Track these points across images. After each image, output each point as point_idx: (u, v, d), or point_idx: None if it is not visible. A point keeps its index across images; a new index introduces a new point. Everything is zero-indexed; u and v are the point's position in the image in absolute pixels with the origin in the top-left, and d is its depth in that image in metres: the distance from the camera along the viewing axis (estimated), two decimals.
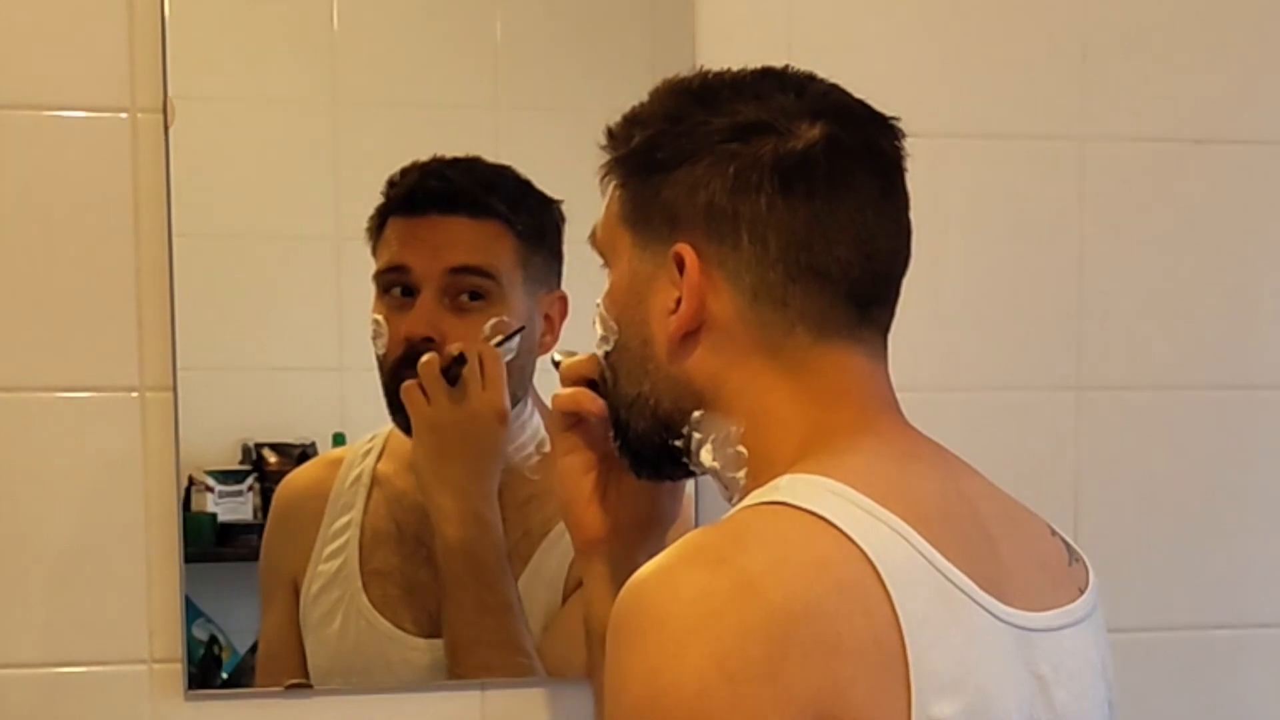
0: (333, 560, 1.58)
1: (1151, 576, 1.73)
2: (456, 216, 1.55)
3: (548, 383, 1.59)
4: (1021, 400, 1.70)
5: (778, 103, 1.01)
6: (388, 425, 1.57)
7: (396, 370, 1.53)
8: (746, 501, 0.94)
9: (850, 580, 0.86)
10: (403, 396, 1.52)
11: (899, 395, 1.06)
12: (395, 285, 1.54)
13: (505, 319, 1.53)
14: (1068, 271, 1.70)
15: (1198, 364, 1.74)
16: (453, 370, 1.51)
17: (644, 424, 1.09)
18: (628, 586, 0.88)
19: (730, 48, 1.02)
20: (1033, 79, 1.68)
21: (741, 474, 1.03)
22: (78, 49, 1.49)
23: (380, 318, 1.54)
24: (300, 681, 1.56)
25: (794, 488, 0.91)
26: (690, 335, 1.02)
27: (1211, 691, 1.76)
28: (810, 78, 1.06)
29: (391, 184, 1.55)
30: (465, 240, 1.55)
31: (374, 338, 1.54)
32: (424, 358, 1.51)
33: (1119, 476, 1.72)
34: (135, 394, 1.52)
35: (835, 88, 1.06)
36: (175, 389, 1.51)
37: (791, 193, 1.00)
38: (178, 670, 1.53)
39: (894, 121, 1.08)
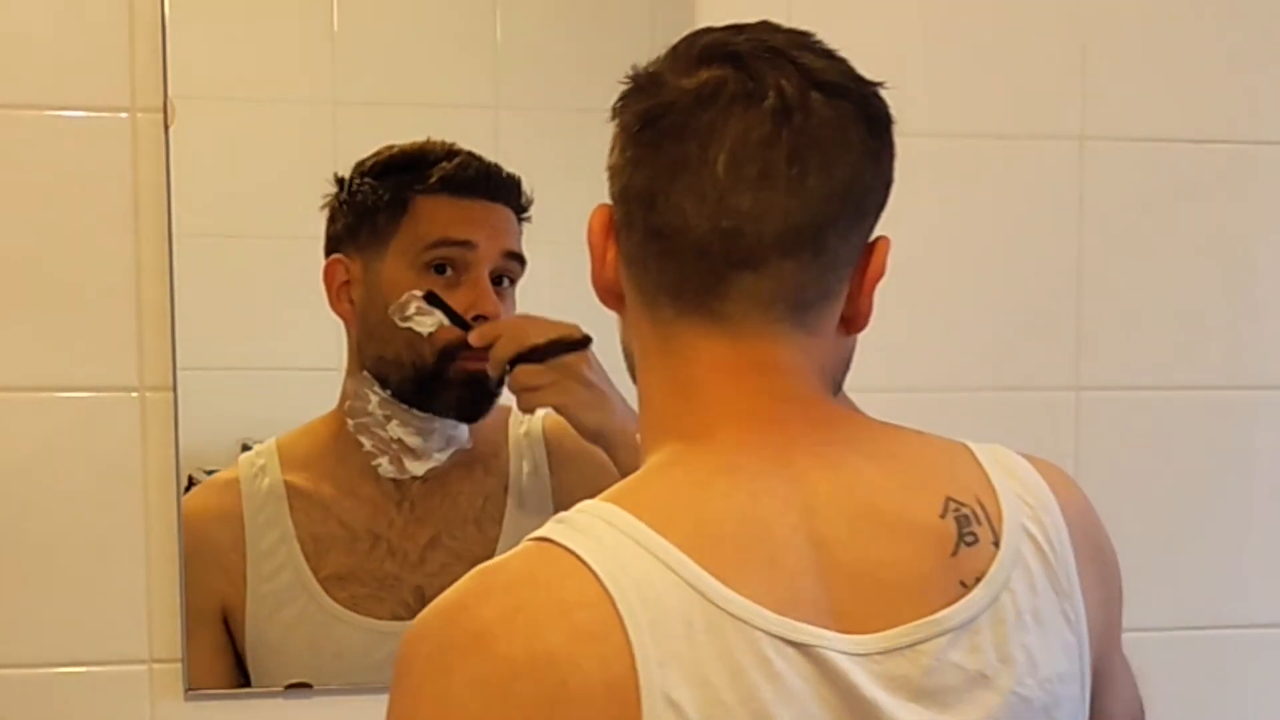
0: (276, 578, 1.56)
1: (1152, 576, 1.73)
2: (500, 204, 1.58)
3: None
4: (1021, 400, 1.70)
5: (674, 58, 0.95)
6: (272, 437, 1.58)
7: (452, 351, 1.54)
8: (536, 531, 0.91)
9: (589, 624, 0.83)
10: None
11: (900, 396, 1.04)
12: (441, 261, 1.55)
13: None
14: (1068, 271, 1.70)
15: (1198, 364, 1.74)
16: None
17: None
18: (413, 622, 0.90)
19: None
20: (1033, 79, 1.68)
21: None
22: (78, 49, 1.49)
23: (424, 296, 1.54)
24: (300, 681, 1.56)
25: (572, 519, 0.89)
26: (618, 299, 0.99)
27: (1211, 691, 1.76)
28: (736, 29, 0.96)
29: (429, 161, 1.55)
30: (511, 227, 1.58)
31: (415, 314, 1.54)
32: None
33: (1119, 476, 1.72)
34: (135, 394, 1.52)
35: (762, 33, 0.95)
36: (175, 389, 1.51)
37: (639, 145, 0.93)
38: (178, 670, 1.53)
39: (822, 68, 0.94)
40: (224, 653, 1.55)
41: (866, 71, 0.98)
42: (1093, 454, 1.71)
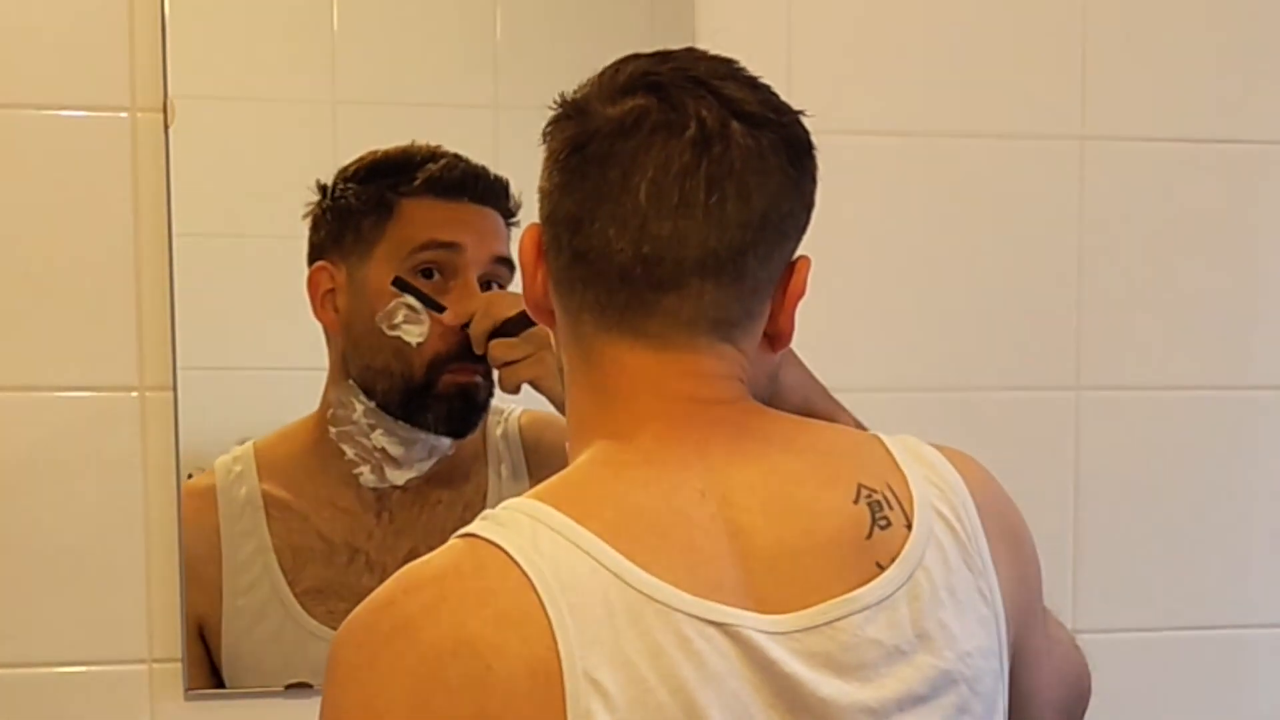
0: (252, 592, 1.54)
1: (1151, 576, 1.73)
2: (487, 207, 1.56)
3: None
4: (1021, 400, 1.70)
5: (600, 85, 0.98)
6: (249, 440, 1.56)
7: (440, 362, 1.53)
8: (462, 529, 0.94)
9: (511, 609, 0.86)
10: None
11: (901, 396, 1.04)
12: (428, 265, 1.53)
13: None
14: (1068, 271, 1.70)
15: (1198, 364, 1.74)
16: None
17: None
18: (344, 622, 0.92)
19: (729, 47, 1.01)
20: (1033, 79, 1.68)
21: None
22: (78, 49, 1.49)
23: (418, 304, 1.53)
24: (301, 681, 1.56)
25: (496, 515, 0.92)
26: (550, 315, 1.02)
27: (1211, 691, 1.76)
28: (662, 57, 0.99)
29: (414, 164, 1.54)
30: (499, 231, 1.57)
31: (403, 323, 1.53)
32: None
33: (1119, 476, 1.72)
34: (135, 394, 1.52)
35: (686, 63, 0.98)
36: (175, 389, 1.51)
37: (566, 171, 0.97)
38: (178, 670, 1.53)
39: (743, 99, 0.97)
40: (201, 665, 1.54)
41: (867, 74, 0.97)
42: (1093, 454, 1.71)
